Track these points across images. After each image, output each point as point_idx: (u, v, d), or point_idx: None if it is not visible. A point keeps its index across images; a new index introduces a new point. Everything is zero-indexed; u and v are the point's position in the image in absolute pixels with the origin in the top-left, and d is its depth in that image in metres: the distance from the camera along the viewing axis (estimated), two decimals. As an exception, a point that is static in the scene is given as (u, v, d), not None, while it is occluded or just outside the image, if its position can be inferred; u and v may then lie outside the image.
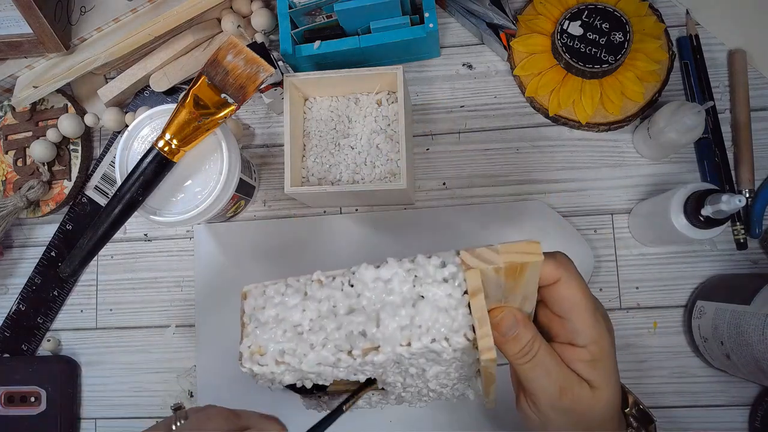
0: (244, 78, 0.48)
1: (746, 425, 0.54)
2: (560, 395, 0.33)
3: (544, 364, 0.33)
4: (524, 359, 0.33)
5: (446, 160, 0.60)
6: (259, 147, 0.64)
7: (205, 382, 0.60)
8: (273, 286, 0.34)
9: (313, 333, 0.31)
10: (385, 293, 0.31)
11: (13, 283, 0.65)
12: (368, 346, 0.30)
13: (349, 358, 0.31)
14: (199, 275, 0.62)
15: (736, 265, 0.56)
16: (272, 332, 0.32)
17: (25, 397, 0.61)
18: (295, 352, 0.31)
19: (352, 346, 0.31)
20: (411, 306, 0.30)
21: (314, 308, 0.32)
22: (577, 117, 0.57)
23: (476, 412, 0.56)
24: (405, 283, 0.31)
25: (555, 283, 0.33)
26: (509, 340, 0.33)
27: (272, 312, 0.33)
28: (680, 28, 0.59)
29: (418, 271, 0.31)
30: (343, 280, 0.32)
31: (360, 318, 0.31)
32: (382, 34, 0.56)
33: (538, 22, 0.58)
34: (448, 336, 0.30)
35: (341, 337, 0.31)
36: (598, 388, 0.34)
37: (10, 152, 0.65)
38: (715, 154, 0.56)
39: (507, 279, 0.30)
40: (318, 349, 0.31)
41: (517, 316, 0.33)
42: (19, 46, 0.59)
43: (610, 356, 0.34)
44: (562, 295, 0.33)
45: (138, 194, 0.48)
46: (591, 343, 0.34)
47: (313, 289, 0.33)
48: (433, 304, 0.30)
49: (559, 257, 0.34)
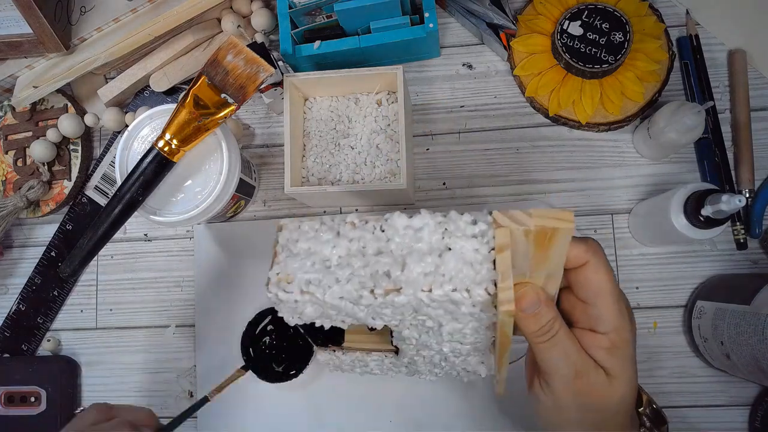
0: (244, 78, 0.48)
1: (746, 425, 0.54)
2: (575, 378, 0.33)
3: (563, 345, 0.33)
4: (543, 338, 0.33)
5: (446, 160, 0.60)
6: (259, 147, 0.64)
7: (205, 382, 0.60)
8: (308, 222, 0.35)
9: (340, 268, 0.32)
10: (414, 241, 0.32)
11: (13, 283, 0.65)
12: (391, 287, 0.31)
13: (371, 296, 0.31)
14: (199, 275, 0.62)
15: (736, 265, 0.56)
16: (302, 262, 0.33)
17: (25, 397, 0.61)
18: (321, 283, 0.32)
19: (376, 284, 0.31)
20: (437, 255, 0.31)
21: (345, 246, 0.33)
22: (577, 117, 0.57)
23: (476, 411, 0.56)
24: (435, 233, 0.32)
25: (583, 266, 0.33)
26: (530, 316, 0.33)
27: (305, 245, 0.34)
28: (680, 28, 0.59)
29: (449, 225, 0.32)
30: (376, 224, 0.33)
31: (387, 260, 0.32)
32: (382, 34, 0.56)
33: (538, 22, 0.58)
34: (470, 288, 0.30)
35: (366, 275, 0.32)
36: (614, 376, 0.33)
37: (10, 152, 0.65)
38: (715, 154, 0.56)
39: (536, 247, 0.30)
40: (342, 283, 0.32)
41: (540, 294, 0.33)
42: (19, 46, 0.59)
43: (629, 346, 0.34)
44: (588, 279, 0.33)
45: (138, 194, 0.48)
46: (612, 330, 0.33)
47: (345, 230, 0.33)
48: (459, 256, 0.31)
49: (590, 242, 0.34)
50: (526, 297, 0.32)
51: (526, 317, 0.33)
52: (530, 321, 0.33)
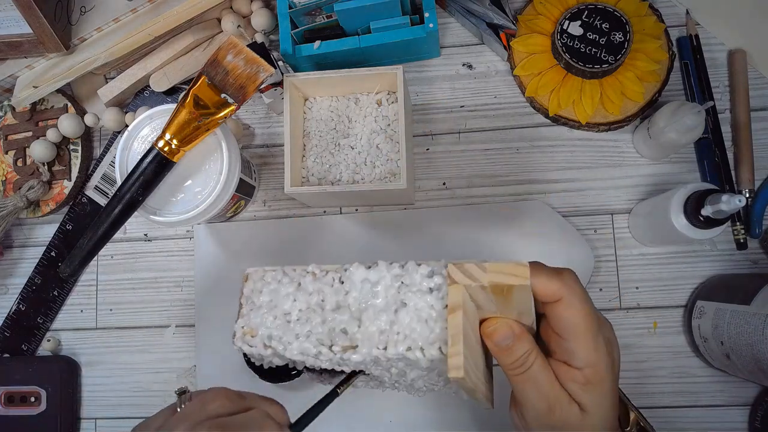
0: (244, 78, 0.48)
1: (746, 425, 0.54)
2: (548, 412, 0.33)
3: (537, 380, 0.33)
4: (517, 371, 0.33)
5: (446, 160, 0.60)
6: (259, 147, 0.64)
7: (205, 382, 0.60)
8: (272, 273, 0.36)
9: (300, 324, 0.33)
10: (371, 295, 0.32)
11: (13, 283, 0.65)
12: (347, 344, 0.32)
13: (329, 352, 0.32)
14: (199, 275, 0.62)
15: (736, 265, 0.56)
16: (264, 317, 0.34)
17: (25, 397, 0.61)
18: (281, 339, 0.33)
19: (333, 342, 0.32)
20: (393, 312, 0.31)
21: (304, 300, 0.34)
22: (577, 117, 0.57)
23: (477, 411, 0.56)
24: (391, 288, 0.32)
25: (556, 301, 0.33)
26: (503, 350, 0.33)
27: (267, 297, 0.35)
28: (680, 28, 0.59)
29: (405, 278, 0.32)
30: (335, 276, 0.34)
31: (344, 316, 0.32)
32: (382, 34, 0.56)
33: (538, 22, 0.58)
34: (424, 347, 0.30)
35: (324, 331, 0.32)
36: (588, 412, 0.33)
37: (10, 152, 0.65)
38: (715, 154, 0.56)
39: (495, 296, 0.31)
40: (302, 340, 0.33)
41: (514, 328, 0.33)
42: (19, 46, 0.59)
43: (606, 381, 0.33)
44: (561, 316, 0.33)
45: (138, 194, 0.48)
46: (587, 366, 0.33)
47: (306, 281, 0.34)
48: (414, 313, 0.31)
49: (566, 276, 0.33)
50: (499, 331, 0.32)
51: (500, 351, 0.33)
52: (503, 355, 0.33)
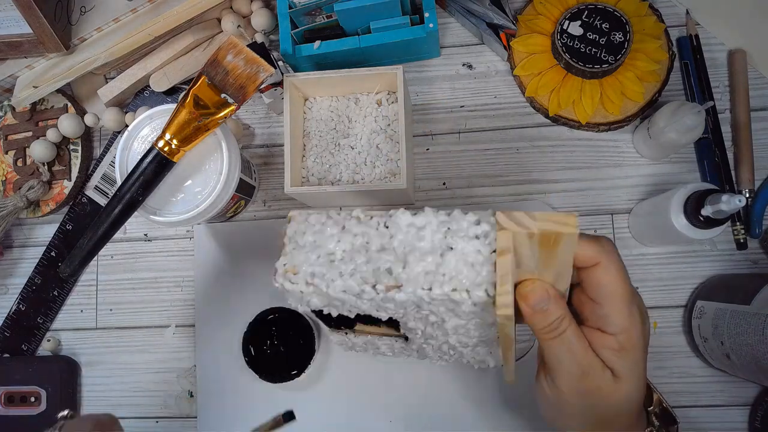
0: (244, 78, 0.48)
1: (746, 425, 0.54)
2: (581, 377, 0.33)
3: (570, 343, 0.33)
4: (551, 335, 0.33)
5: (446, 160, 0.60)
6: (259, 147, 0.64)
7: (205, 382, 0.60)
8: (316, 215, 0.35)
9: (344, 262, 0.33)
10: (417, 239, 0.32)
11: (13, 283, 0.65)
12: (392, 284, 0.32)
13: (372, 291, 0.32)
14: (199, 275, 0.62)
15: (736, 265, 0.56)
16: (307, 255, 0.34)
17: (25, 397, 0.61)
18: (324, 277, 0.33)
19: (377, 280, 0.32)
20: (439, 255, 0.31)
21: (349, 241, 0.34)
22: (577, 117, 0.57)
23: (477, 411, 0.56)
24: (437, 232, 0.32)
25: (594, 266, 0.33)
26: (537, 312, 0.32)
27: (311, 238, 0.35)
28: (680, 28, 0.59)
29: (452, 224, 0.32)
30: (380, 220, 0.34)
31: (389, 257, 0.32)
32: (382, 34, 0.56)
33: (538, 22, 0.58)
34: (470, 288, 0.30)
35: (369, 270, 0.32)
36: (620, 378, 0.33)
37: (10, 152, 0.65)
38: (715, 154, 0.56)
39: (541, 248, 0.30)
40: (345, 278, 0.33)
41: (549, 291, 0.32)
42: (19, 46, 0.59)
43: (638, 349, 0.33)
44: (599, 280, 0.33)
45: (138, 194, 0.48)
46: (621, 332, 0.33)
47: (351, 224, 0.34)
48: (460, 257, 0.31)
49: (604, 242, 0.33)
50: (535, 293, 0.32)
51: (535, 314, 0.32)
52: (538, 317, 0.32)
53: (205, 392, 0.60)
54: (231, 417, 0.59)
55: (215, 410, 0.59)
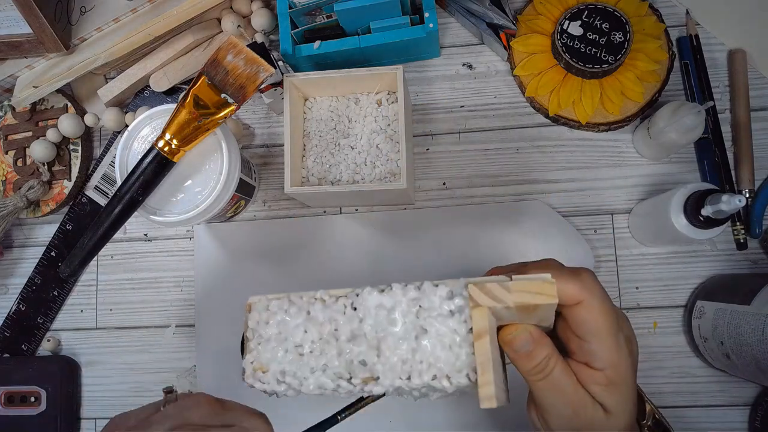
0: (244, 78, 0.48)
1: (746, 425, 0.54)
2: (572, 416, 0.33)
3: (559, 384, 0.32)
4: (539, 376, 0.32)
5: (446, 160, 0.60)
6: (259, 147, 0.64)
7: (205, 382, 0.60)
8: (276, 302, 0.33)
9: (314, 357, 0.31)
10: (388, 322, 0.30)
11: (13, 283, 0.65)
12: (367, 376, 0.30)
13: (348, 385, 0.31)
14: (199, 275, 0.62)
15: (736, 265, 0.56)
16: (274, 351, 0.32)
17: (25, 397, 0.61)
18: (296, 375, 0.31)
19: (352, 374, 0.30)
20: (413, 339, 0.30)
21: (316, 330, 0.32)
22: (577, 117, 0.57)
23: (478, 410, 0.56)
24: (409, 313, 0.30)
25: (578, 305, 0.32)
26: (522, 356, 0.32)
27: (275, 330, 0.33)
28: (680, 28, 0.59)
29: (423, 301, 0.30)
30: (346, 302, 0.32)
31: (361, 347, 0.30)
32: (382, 34, 0.56)
33: (538, 22, 0.58)
34: (450, 375, 0.29)
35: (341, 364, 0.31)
36: (612, 413, 0.33)
37: (10, 152, 0.65)
38: (715, 154, 0.56)
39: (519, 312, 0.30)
40: (318, 374, 0.31)
41: (533, 333, 0.32)
42: (19, 46, 0.59)
43: (628, 381, 0.33)
44: (582, 318, 0.32)
45: (138, 194, 0.48)
46: (608, 367, 0.32)
47: (315, 309, 0.32)
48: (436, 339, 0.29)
49: (584, 277, 0.32)
50: (518, 338, 0.32)
51: (519, 357, 0.32)
52: (524, 361, 0.32)
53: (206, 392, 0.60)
54: (231, 417, 0.59)
55: (215, 410, 0.59)
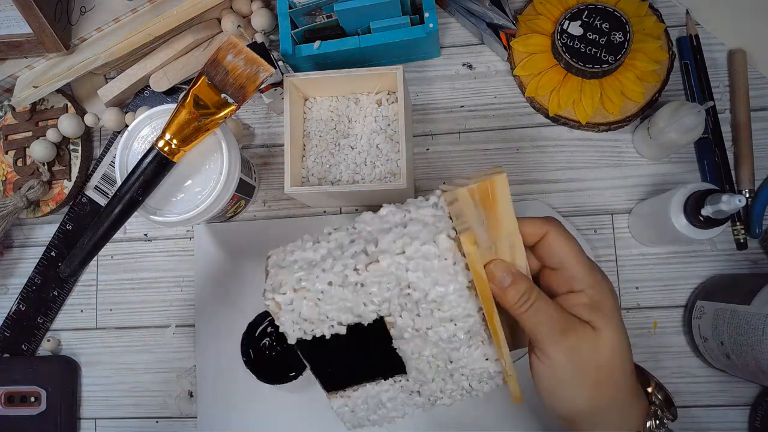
0: (244, 78, 0.48)
1: (746, 425, 0.54)
2: (562, 334, 0.34)
3: (544, 309, 0.35)
4: (524, 307, 0.34)
5: (446, 160, 0.60)
6: (259, 147, 0.64)
7: (205, 382, 0.60)
8: (291, 244, 0.39)
9: (324, 261, 0.36)
10: (382, 224, 0.36)
11: (13, 283, 0.65)
12: (369, 261, 0.35)
13: (354, 274, 0.35)
14: (199, 275, 0.62)
15: (736, 265, 0.56)
16: (291, 268, 0.37)
17: (25, 397, 0.61)
18: (309, 277, 0.36)
19: (357, 262, 0.35)
20: (402, 226, 0.35)
21: (325, 246, 0.37)
22: (577, 117, 0.57)
23: (478, 410, 0.56)
24: (397, 214, 0.36)
25: (544, 237, 0.36)
26: (506, 289, 0.34)
27: (291, 258, 0.38)
28: (680, 28, 0.59)
29: (409, 206, 0.36)
30: (348, 226, 0.38)
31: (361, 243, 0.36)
32: (382, 34, 0.56)
33: (538, 22, 0.58)
34: (435, 239, 0.33)
35: (347, 256, 0.35)
36: (599, 329, 0.34)
37: (10, 152, 0.65)
38: (715, 154, 0.56)
39: (484, 208, 0.34)
40: (328, 270, 0.35)
41: (510, 266, 0.35)
42: (19, 46, 0.59)
43: (610, 301, 0.35)
44: (552, 247, 0.36)
45: (138, 194, 0.48)
46: (588, 287, 0.35)
47: (323, 237, 0.38)
48: (419, 221, 0.35)
49: (547, 217, 0.36)
50: (497, 271, 0.35)
51: (503, 291, 0.35)
52: (508, 293, 0.35)
53: (205, 392, 0.60)
54: (231, 417, 0.59)
55: (215, 410, 0.59)
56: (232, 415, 0.59)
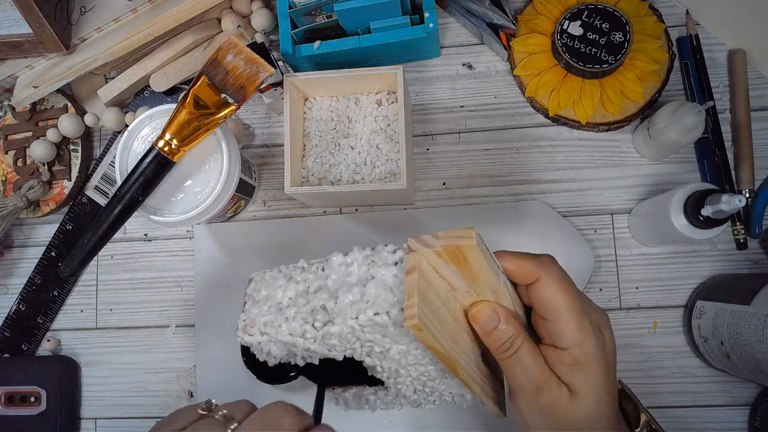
0: (244, 78, 0.48)
1: (746, 425, 0.54)
2: (536, 394, 0.33)
3: (524, 362, 0.33)
4: (505, 354, 0.33)
5: (446, 160, 0.60)
6: (259, 147, 0.64)
7: (205, 382, 0.60)
8: (270, 272, 0.40)
9: (289, 308, 0.37)
10: (347, 275, 0.35)
11: (13, 283, 0.65)
12: (326, 319, 0.35)
13: (312, 330, 0.35)
14: (199, 275, 0.62)
15: (736, 265, 0.56)
16: (260, 308, 0.38)
17: (25, 397, 0.61)
18: (273, 323, 0.36)
19: (315, 319, 0.35)
20: (363, 285, 0.34)
21: (293, 289, 0.37)
22: (577, 117, 0.57)
23: (480, 408, 0.56)
24: (362, 266, 0.35)
25: (536, 282, 0.34)
26: (489, 333, 0.33)
27: (264, 293, 0.39)
28: (680, 28, 0.59)
29: (375, 257, 0.35)
30: (319, 266, 0.38)
31: (323, 295, 0.36)
32: (382, 34, 0.56)
33: (538, 22, 0.58)
34: (389, 310, 0.33)
35: (307, 311, 0.35)
36: (577, 394, 0.33)
37: (10, 152, 0.65)
38: (715, 154, 0.56)
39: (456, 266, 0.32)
40: (290, 321, 0.36)
41: (498, 311, 0.33)
42: (19, 46, 0.59)
43: (595, 363, 0.33)
44: (541, 296, 0.33)
45: (138, 194, 0.48)
46: (573, 346, 0.33)
47: (296, 273, 0.38)
48: (380, 283, 0.34)
49: (543, 258, 0.34)
50: (483, 313, 0.33)
51: (487, 334, 0.33)
52: (490, 338, 0.33)
53: (205, 392, 0.60)
54: (231, 417, 0.59)
55: (215, 410, 0.59)
56: (232, 415, 0.59)
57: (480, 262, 0.32)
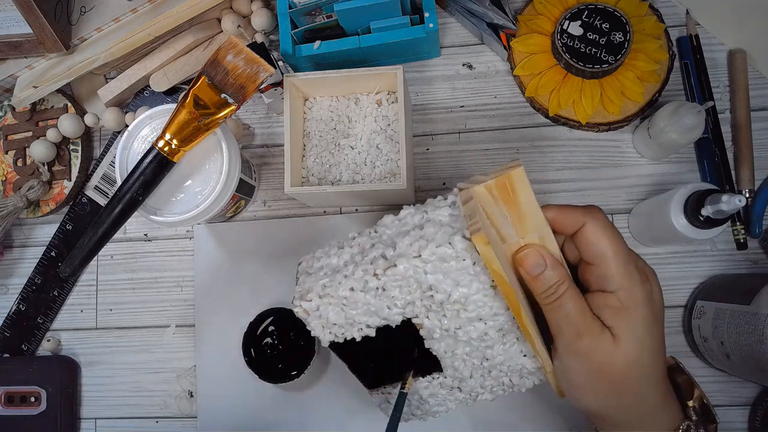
0: (244, 78, 0.48)
1: (746, 425, 0.54)
2: (576, 338, 0.33)
3: (566, 307, 0.33)
4: (549, 299, 0.33)
5: (446, 160, 0.60)
6: (259, 147, 0.64)
7: (205, 382, 0.60)
8: (320, 250, 0.40)
9: (346, 266, 0.37)
10: (401, 227, 0.37)
11: (13, 283, 0.65)
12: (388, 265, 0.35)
13: (374, 279, 0.35)
14: (199, 275, 0.62)
15: (736, 265, 0.56)
16: (316, 275, 0.38)
17: (25, 397, 0.61)
18: (332, 283, 0.36)
19: (376, 267, 0.35)
20: (419, 228, 0.35)
21: (348, 251, 0.38)
22: (577, 117, 0.57)
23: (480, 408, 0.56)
24: (415, 216, 0.36)
25: (582, 228, 0.33)
26: (536, 278, 0.33)
27: (317, 264, 0.39)
28: (680, 28, 0.59)
29: (428, 207, 0.37)
30: (371, 230, 0.39)
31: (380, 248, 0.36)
32: (382, 34, 0.56)
33: (538, 22, 0.58)
34: (451, 240, 0.33)
35: (367, 262, 0.36)
36: (619, 337, 0.32)
37: (10, 152, 0.65)
38: (715, 154, 0.56)
39: (505, 203, 0.33)
40: (349, 276, 0.36)
41: (545, 255, 0.33)
42: (19, 46, 0.59)
43: (641, 307, 0.33)
44: (588, 240, 0.33)
45: (138, 194, 0.48)
46: (619, 289, 0.33)
47: (347, 242, 0.39)
48: (436, 222, 0.35)
49: (589, 206, 0.34)
50: (529, 258, 0.33)
51: (533, 279, 0.33)
52: (536, 282, 0.33)
53: (205, 392, 0.60)
54: (231, 417, 0.59)
55: (215, 410, 0.59)
56: (232, 415, 0.59)
57: (528, 195, 0.33)
